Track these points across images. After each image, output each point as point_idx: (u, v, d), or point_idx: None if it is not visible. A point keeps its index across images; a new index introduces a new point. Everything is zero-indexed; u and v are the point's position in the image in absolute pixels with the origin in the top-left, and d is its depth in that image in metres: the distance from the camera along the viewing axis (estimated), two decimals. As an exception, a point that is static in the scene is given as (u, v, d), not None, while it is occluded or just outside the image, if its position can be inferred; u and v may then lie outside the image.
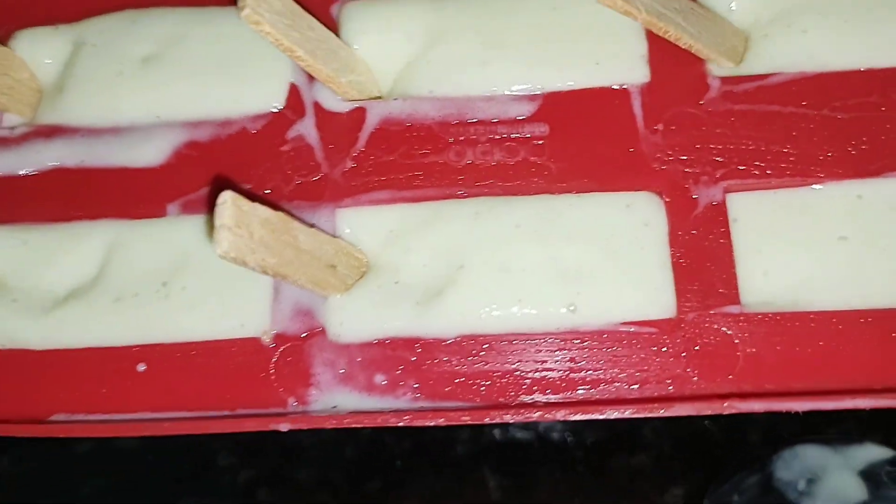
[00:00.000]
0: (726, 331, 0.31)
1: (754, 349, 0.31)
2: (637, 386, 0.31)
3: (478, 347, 0.32)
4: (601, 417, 0.30)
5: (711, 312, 0.31)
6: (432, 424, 0.30)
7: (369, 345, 0.32)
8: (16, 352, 0.34)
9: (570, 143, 0.34)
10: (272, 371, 0.32)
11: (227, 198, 0.26)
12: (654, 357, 0.31)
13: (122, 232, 0.34)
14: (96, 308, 0.33)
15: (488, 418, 0.30)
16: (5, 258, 0.35)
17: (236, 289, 0.33)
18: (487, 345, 0.32)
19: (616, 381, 0.31)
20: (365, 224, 0.34)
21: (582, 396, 0.31)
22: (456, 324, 0.32)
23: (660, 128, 0.34)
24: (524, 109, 0.34)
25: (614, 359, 0.31)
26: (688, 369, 0.31)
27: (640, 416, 0.29)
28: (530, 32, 0.35)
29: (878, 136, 0.33)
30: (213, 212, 0.26)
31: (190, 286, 0.33)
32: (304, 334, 0.33)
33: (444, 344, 0.32)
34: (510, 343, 0.32)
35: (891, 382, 0.30)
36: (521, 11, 0.35)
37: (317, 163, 0.35)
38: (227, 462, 0.38)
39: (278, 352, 0.33)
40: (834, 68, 0.34)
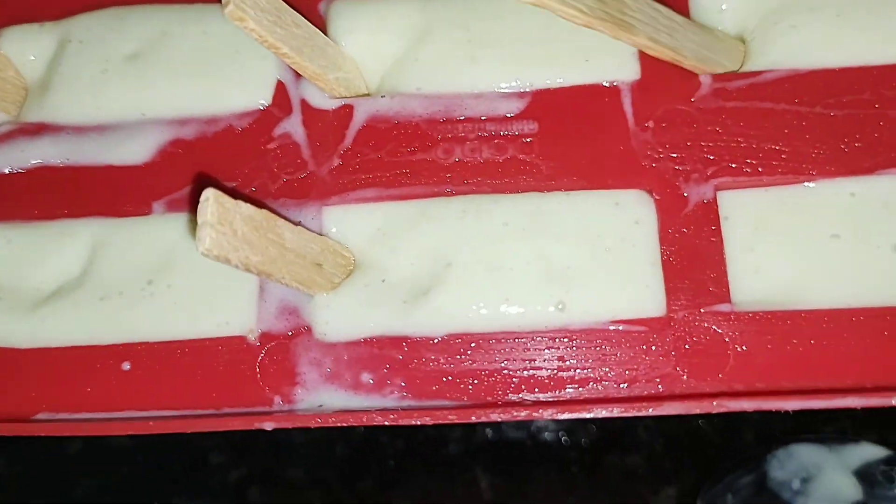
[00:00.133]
0: (717, 329, 0.31)
1: (745, 348, 0.31)
2: (626, 385, 0.31)
3: (465, 346, 0.32)
4: (589, 416, 0.29)
5: (702, 311, 0.31)
6: (419, 423, 0.30)
7: (356, 343, 0.32)
8: (0, 350, 0.34)
9: (560, 141, 0.33)
10: (258, 370, 0.32)
11: (209, 195, 0.26)
12: (643, 356, 0.31)
13: (108, 230, 0.34)
14: (81, 306, 0.33)
15: (474, 417, 0.29)
16: (-10, 257, 0.35)
17: (222, 287, 0.33)
18: (475, 343, 0.32)
19: (605, 380, 0.31)
20: (352, 222, 0.33)
21: (570, 395, 0.31)
22: (443, 322, 0.32)
23: (650, 125, 0.33)
24: (513, 107, 0.34)
25: (603, 357, 0.31)
26: (677, 368, 0.31)
27: (628, 415, 0.29)
28: (519, 29, 0.35)
29: (871, 134, 0.32)
30: (197, 209, 0.26)
31: (175, 284, 0.33)
32: (289, 333, 0.32)
33: (431, 343, 0.32)
34: (498, 342, 0.31)
35: (882, 381, 0.30)
36: (510, 8, 0.35)
37: (303, 160, 0.34)
38: (219, 461, 0.38)
39: (264, 350, 0.32)
40: (827, 65, 0.33)
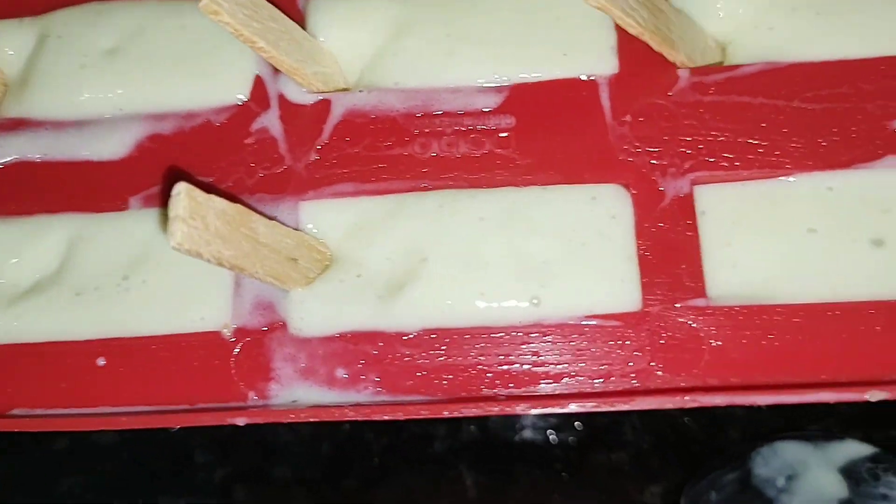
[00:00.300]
0: (692, 324, 0.31)
1: (720, 343, 0.30)
2: (601, 380, 0.31)
3: (440, 341, 0.31)
4: (562, 411, 0.29)
5: (677, 306, 0.31)
6: (391, 419, 0.30)
7: (331, 339, 0.32)
8: (-24, 346, 0.33)
9: (537, 135, 0.33)
10: (232, 365, 0.32)
11: (181, 189, 0.26)
12: (618, 351, 0.31)
13: (84, 225, 0.34)
14: (57, 302, 0.33)
15: (447, 412, 0.29)
16: (-33, 252, 0.35)
17: (197, 282, 0.33)
18: (450, 339, 0.31)
19: (579, 375, 0.31)
20: (328, 217, 0.33)
21: (545, 391, 0.31)
22: (418, 317, 0.32)
23: (628, 119, 0.33)
24: (490, 101, 0.34)
25: (578, 352, 0.31)
26: (652, 363, 0.30)
27: (601, 410, 0.29)
28: (497, 23, 0.34)
29: (848, 128, 0.32)
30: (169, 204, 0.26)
31: (150, 280, 0.33)
32: (264, 328, 0.32)
33: (406, 338, 0.32)
34: (473, 337, 0.31)
35: (857, 376, 0.30)
36: (488, 2, 0.35)
37: (280, 155, 0.34)
38: (204, 459, 0.38)
39: (239, 346, 0.32)
40: (804, 59, 0.33)
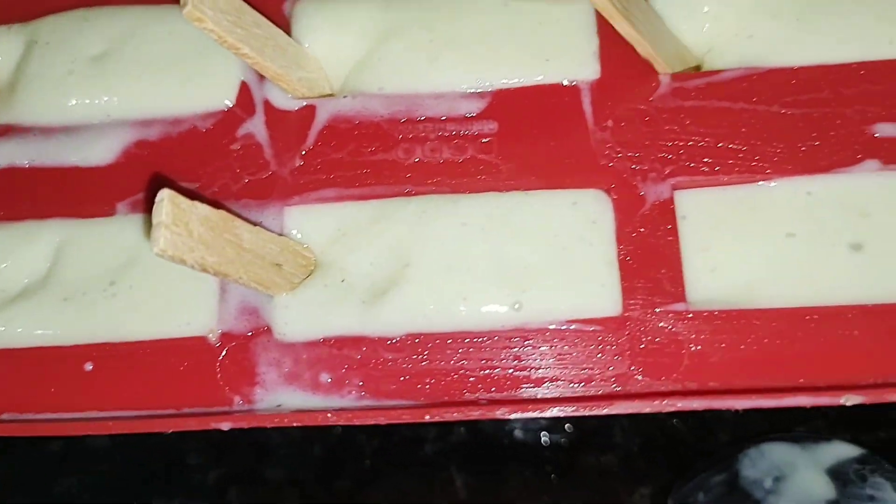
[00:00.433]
0: (672, 329, 0.31)
1: (700, 347, 0.31)
2: (582, 384, 0.31)
3: (423, 346, 0.32)
4: (542, 416, 0.29)
5: (657, 310, 0.31)
6: (374, 423, 0.30)
7: (315, 343, 0.32)
8: (-36, 351, 0.34)
9: (519, 141, 0.34)
10: (218, 370, 0.32)
11: (164, 196, 0.26)
12: (599, 355, 0.31)
13: (72, 231, 0.34)
14: (45, 307, 0.33)
15: (428, 416, 0.30)
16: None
17: (183, 288, 0.33)
18: (432, 343, 0.32)
19: (560, 379, 0.31)
20: (313, 222, 0.33)
21: (526, 395, 0.31)
22: (401, 322, 0.32)
23: (609, 124, 0.33)
24: (473, 107, 0.34)
25: (559, 357, 0.31)
26: (632, 367, 0.31)
27: (579, 414, 0.29)
28: (480, 29, 0.35)
29: (827, 133, 0.32)
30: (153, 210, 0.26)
31: (137, 285, 0.33)
32: (249, 333, 0.32)
33: (389, 342, 0.32)
34: (455, 341, 0.32)
35: (835, 380, 0.30)
36: (472, 7, 0.35)
37: (266, 161, 0.34)
38: (197, 461, 0.38)
39: (224, 351, 0.32)
40: (784, 64, 0.33)
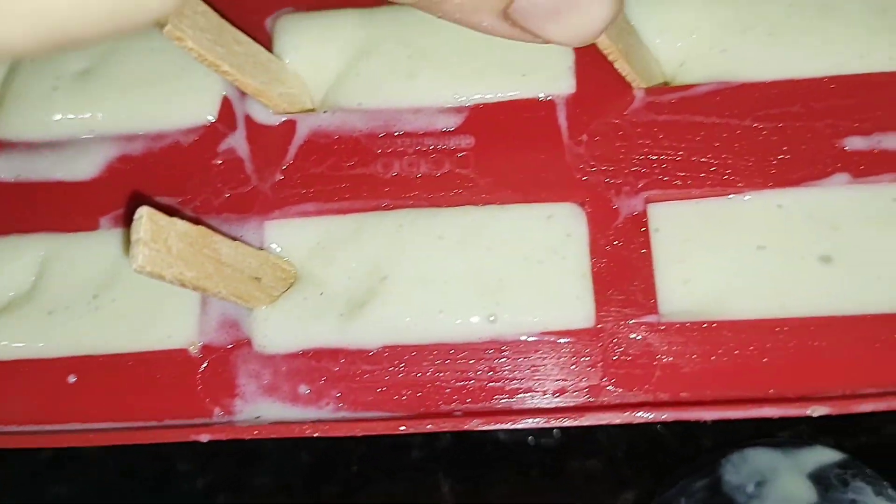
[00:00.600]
0: (644, 340, 0.31)
1: (671, 358, 0.31)
2: (555, 396, 0.31)
3: (400, 358, 0.32)
4: (514, 427, 0.30)
5: (630, 322, 0.32)
6: (348, 435, 0.30)
7: (294, 356, 0.33)
8: (-50, 365, 0.34)
9: (495, 155, 0.34)
10: (199, 382, 0.33)
11: (143, 213, 0.27)
12: (572, 367, 0.31)
13: (56, 245, 0.35)
14: (29, 321, 0.34)
15: (403, 427, 0.30)
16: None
17: (165, 301, 0.33)
18: (408, 356, 0.32)
19: (534, 391, 0.31)
20: (292, 236, 0.34)
21: (500, 406, 0.31)
22: (379, 335, 0.32)
23: (584, 139, 0.34)
24: (451, 121, 0.35)
25: (533, 368, 0.32)
26: (605, 379, 0.31)
27: (549, 426, 0.30)
28: (458, 44, 0.35)
29: (798, 146, 0.33)
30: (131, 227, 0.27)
31: (120, 298, 0.34)
32: (230, 345, 0.33)
33: (367, 355, 0.32)
34: (432, 353, 0.32)
35: (803, 391, 0.30)
36: (450, 24, 0.35)
37: (247, 176, 0.35)
38: (186, 468, 0.39)
39: (205, 363, 0.33)
40: (756, 79, 0.34)
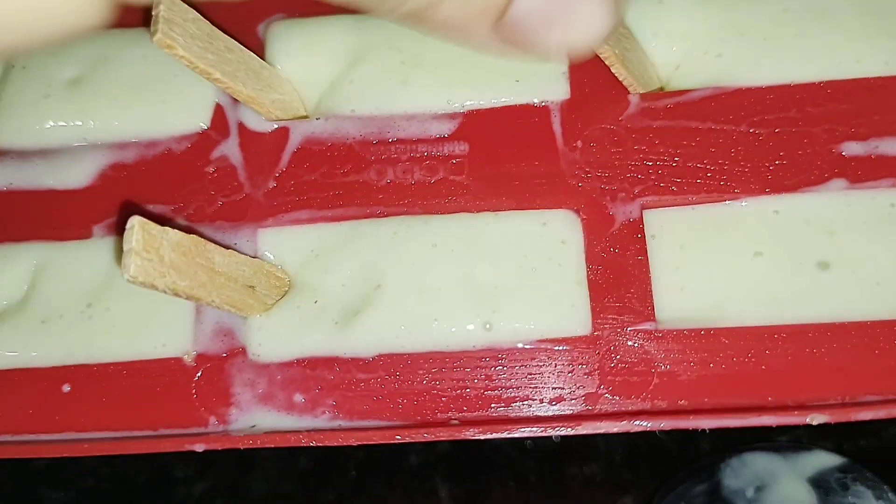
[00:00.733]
0: (641, 348, 0.31)
1: (669, 366, 0.31)
2: (551, 404, 0.31)
3: (395, 366, 0.32)
4: (510, 437, 0.30)
5: (627, 330, 0.31)
6: (343, 445, 0.30)
7: (288, 364, 0.32)
8: (-58, 374, 0.34)
9: (489, 162, 0.34)
10: (194, 391, 0.33)
11: (134, 222, 0.27)
12: (568, 375, 0.31)
13: (49, 254, 0.35)
14: (23, 330, 0.34)
15: (398, 437, 0.30)
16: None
17: (159, 309, 0.33)
18: (404, 364, 0.32)
19: (530, 399, 0.31)
20: (286, 244, 0.34)
21: (496, 414, 0.31)
22: (374, 343, 0.32)
23: (579, 145, 0.34)
24: (444, 128, 0.34)
25: (529, 376, 0.31)
26: (602, 387, 0.31)
27: (547, 435, 0.29)
28: (452, 50, 0.35)
29: (794, 152, 0.33)
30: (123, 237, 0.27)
31: (113, 307, 0.33)
32: (224, 354, 0.33)
33: (362, 363, 0.32)
34: (427, 361, 0.32)
35: (802, 398, 0.30)
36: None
37: (240, 183, 0.35)
38: (183, 475, 0.38)
39: (200, 372, 0.33)
40: (752, 84, 0.34)
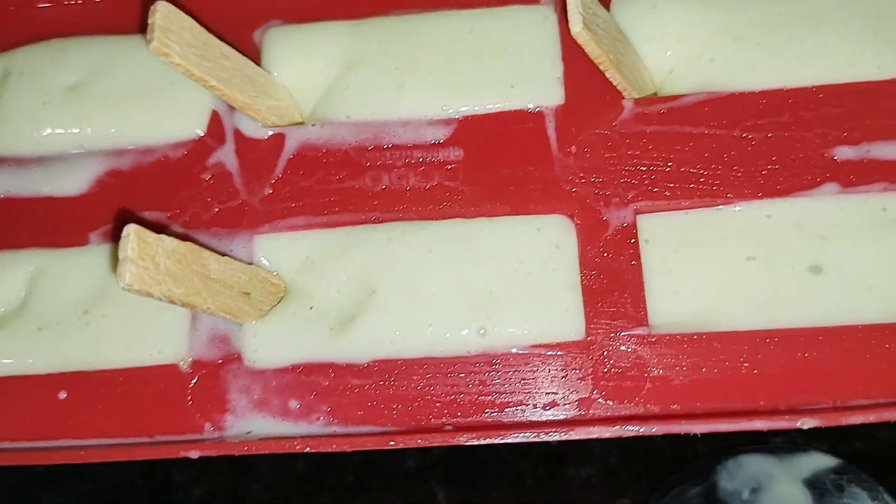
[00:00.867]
0: (634, 353, 0.31)
1: (661, 371, 0.31)
2: (544, 409, 0.31)
3: (389, 372, 0.32)
4: (504, 442, 0.30)
5: (621, 334, 0.32)
6: (338, 451, 0.30)
7: (284, 370, 0.33)
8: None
9: (484, 167, 0.34)
10: (189, 397, 0.33)
11: (130, 230, 0.27)
12: (562, 380, 0.31)
13: (46, 261, 0.35)
14: (20, 337, 0.34)
15: (392, 443, 0.30)
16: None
17: (155, 316, 0.33)
18: (398, 370, 0.32)
19: (524, 404, 0.31)
20: (281, 250, 0.34)
21: (490, 420, 0.31)
22: (368, 349, 0.32)
23: (573, 150, 0.34)
24: (439, 134, 0.35)
25: (523, 382, 0.32)
26: (595, 391, 0.31)
27: (539, 440, 0.30)
28: (446, 56, 0.35)
29: (787, 156, 0.33)
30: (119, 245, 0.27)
31: (110, 314, 0.34)
32: (220, 360, 0.33)
33: (356, 369, 0.32)
34: (422, 367, 0.32)
35: (793, 402, 0.30)
36: (438, 35, 0.35)
37: (236, 190, 0.35)
38: (181, 479, 0.39)
39: (195, 378, 0.33)
40: (745, 89, 0.34)
